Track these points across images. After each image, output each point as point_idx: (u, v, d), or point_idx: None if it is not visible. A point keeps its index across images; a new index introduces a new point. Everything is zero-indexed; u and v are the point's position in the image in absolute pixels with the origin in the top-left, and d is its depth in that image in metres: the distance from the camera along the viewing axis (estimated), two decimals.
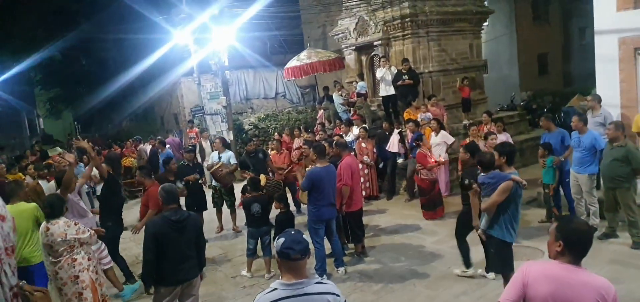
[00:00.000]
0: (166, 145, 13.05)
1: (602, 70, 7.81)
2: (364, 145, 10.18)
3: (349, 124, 11.35)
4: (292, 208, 9.44)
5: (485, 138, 8.09)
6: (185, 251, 4.31)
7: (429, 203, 8.56)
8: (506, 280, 4.56)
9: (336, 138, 9.60)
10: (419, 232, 7.97)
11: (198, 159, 11.96)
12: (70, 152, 8.91)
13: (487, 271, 5.57)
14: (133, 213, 9.72)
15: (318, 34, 20.75)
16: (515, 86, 20.07)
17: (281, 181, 8.08)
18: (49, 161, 10.03)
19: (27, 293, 3.62)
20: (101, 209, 6.85)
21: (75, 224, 4.83)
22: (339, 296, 2.47)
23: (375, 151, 10.32)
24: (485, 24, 14.38)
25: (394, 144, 10.11)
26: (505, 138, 8.56)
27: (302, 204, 9.01)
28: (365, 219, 7.64)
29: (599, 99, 7.60)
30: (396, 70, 11.43)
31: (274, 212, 6.99)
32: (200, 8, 14.16)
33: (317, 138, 10.96)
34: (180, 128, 18.91)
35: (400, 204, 9.87)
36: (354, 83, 13.13)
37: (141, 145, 14.73)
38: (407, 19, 11.59)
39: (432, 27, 11.91)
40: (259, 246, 6.69)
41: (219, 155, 8.96)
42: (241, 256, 7.44)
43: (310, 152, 7.14)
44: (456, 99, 12.30)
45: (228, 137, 14.93)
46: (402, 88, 11.20)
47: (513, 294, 2.48)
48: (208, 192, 9.21)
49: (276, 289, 2.41)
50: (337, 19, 14.05)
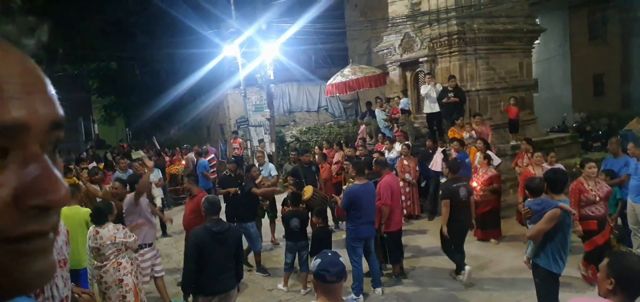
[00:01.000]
0: (207, 154, 13.42)
1: None
2: (406, 162, 10.03)
3: (392, 140, 11.24)
4: (331, 223, 9.50)
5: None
6: (225, 262, 4.39)
7: (480, 222, 8.27)
8: None
9: (376, 154, 9.51)
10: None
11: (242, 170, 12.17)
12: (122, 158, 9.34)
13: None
14: (177, 219, 10.01)
15: (363, 48, 20.80)
16: (568, 107, 19.25)
17: (328, 197, 7.86)
18: (100, 165, 10.54)
19: (75, 295, 3.77)
20: None
21: (123, 227, 5.04)
22: None
23: (417, 169, 10.15)
24: (537, 42, 13.92)
25: (437, 163, 9.89)
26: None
27: (340, 222, 8.98)
28: (404, 239, 7.51)
29: None
30: (441, 88, 11.24)
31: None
32: (248, 23, 14.55)
33: (358, 153, 10.91)
34: (225, 138, 19.40)
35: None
36: (396, 99, 13.02)
37: (189, 154, 15.21)
38: (454, 36, 11.40)
39: (480, 44, 11.65)
40: (296, 260, 6.70)
41: (259, 167, 9.05)
42: (278, 268, 7.49)
43: (350, 168, 7.09)
44: (503, 118, 11.93)
45: (270, 149, 15.16)
46: (448, 106, 10.99)
47: None
48: None
49: None
50: (383, 35, 14.02)
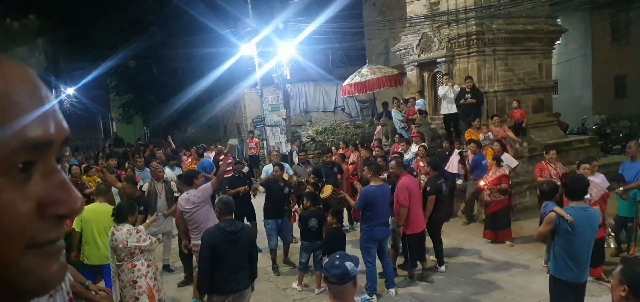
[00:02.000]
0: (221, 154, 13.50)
1: None
2: (422, 164, 9.94)
3: (408, 141, 11.16)
4: (346, 224, 9.46)
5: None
6: (238, 262, 4.41)
7: (490, 223, 8.21)
8: None
9: (394, 156, 9.44)
10: (477, 257, 7.65)
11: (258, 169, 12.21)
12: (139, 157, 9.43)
13: None
14: None
15: (381, 48, 20.69)
16: (588, 109, 18.88)
17: (345, 199, 7.54)
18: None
19: (93, 292, 3.81)
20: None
21: (138, 232, 5.01)
22: None
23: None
24: (557, 43, 13.68)
25: (453, 165, 9.80)
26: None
27: (355, 221, 8.94)
28: None
29: None
30: (459, 89, 11.14)
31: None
32: (265, 22, 14.60)
33: (374, 154, 10.85)
34: (241, 138, 19.50)
35: (458, 227, 9.53)
36: (412, 100, 12.93)
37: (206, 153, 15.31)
38: (473, 37, 11.28)
39: (499, 45, 11.50)
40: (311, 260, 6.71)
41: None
42: (293, 268, 7.50)
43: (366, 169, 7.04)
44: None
45: (286, 149, 15.19)
46: (465, 107, 10.88)
47: None
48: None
49: None
50: (401, 35, 13.94)
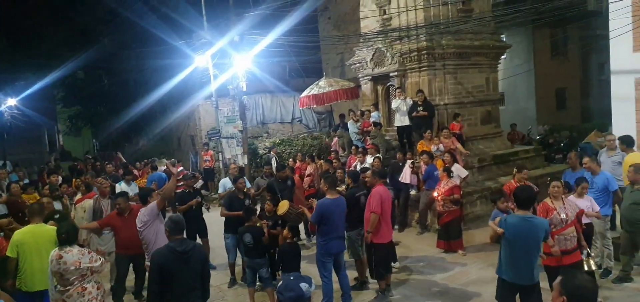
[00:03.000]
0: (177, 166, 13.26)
1: (619, 110, 7.74)
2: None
3: (365, 152, 11.34)
4: (303, 237, 9.46)
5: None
6: (190, 282, 4.29)
7: (443, 233, 8.48)
8: None
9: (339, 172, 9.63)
10: (431, 268, 7.84)
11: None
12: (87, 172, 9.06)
13: None
14: None
15: (336, 61, 21.00)
16: (533, 120, 19.91)
17: (302, 213, 7.30)
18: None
19: None
20: None
21: (89, 252, 4.79)
22: None
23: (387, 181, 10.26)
24: (503, 58, 14.37)
25: (406, 175, 10.06)
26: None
27: (312, 235, 8.97)
28: None
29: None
30: (412, 102, 11.47)
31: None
32: (220, 34, 14.47)
33: (334, 165, 10.92)
34: (196, 150, 19.14)
35: (412, 236, 9.77)
36: (368, 112, 13.20)
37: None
38: (423, 52, 11.66)
39: (448, 60, 11.95)
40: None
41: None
42: None
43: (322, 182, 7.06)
44: (472, 131, 12.25)
45: (242, 161, 15.05)
46: (417, 119, 11.21)
47: None
48: (220, 219, 9.20)
49: None
50: (355, 49, 14.21)
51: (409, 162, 10.22)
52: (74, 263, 4.55)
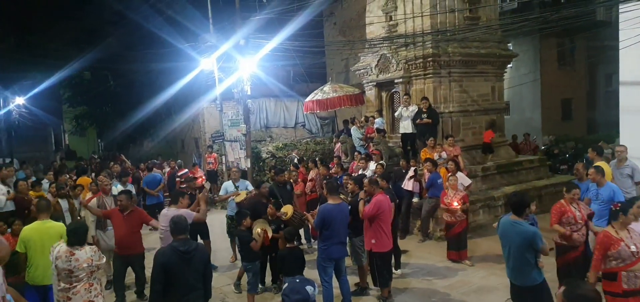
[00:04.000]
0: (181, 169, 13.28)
1: (627, 122, 7.67)
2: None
3: (368, 158, 11.30)
4: (304, 242, 9.42)
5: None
6: (192, 282, 4.31)
7: (454, 243, 8.36)
8: None
9: (350, 176, 9.52)
10: (432, 275, 7.78)
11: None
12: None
13: None
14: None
15: (341, 66, 21.01)
16: (538, 130, 19.80)
17: (304, 217, 7.25)
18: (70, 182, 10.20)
19: None
20: None
21: (97, 250, 4.96)
22: None
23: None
24: (509, 66, 14.30)
25: (408, 183, 10.00)
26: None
27: (313, 239, 8.92)
28: None
29: (626, 150, 7.37)
30: (416, 108, 11.43)
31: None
32: (225, 37, 14.50)
33: (332, 171, 10.92)
34: (199, 152, 19.16)
35: (414, 244, 9.71)
36: (371, 118, 13.17)
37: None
38: (429, 59, 11.63)
39: (454, 67, 11.91)
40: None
41: (235, 184, 8.97)
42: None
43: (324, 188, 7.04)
44: (476, 140, 12.19)
45: (245, 165, 15.04)
46: (421, 126, 11.16)
47: None
48: (223, 221, 9.19)
49: None
50: (360, 55, 14.20)
51: (411, 169, 10.17)
52: (87, 260, 4.72)
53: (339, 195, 6.39)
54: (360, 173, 10.04)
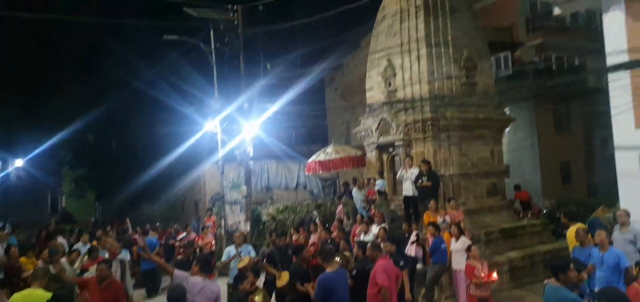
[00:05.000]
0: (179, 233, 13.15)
1: (626, 186, 7.72)
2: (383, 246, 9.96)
3: (370, 221, 11.22)
4: None
5: None
6: None
7: None
8: None
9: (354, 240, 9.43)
10: None
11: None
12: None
13: None
14: None
15: (342, 128, 21.34)
16: (538, 193, 19.78)
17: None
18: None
19: None
20: None
21: None
22: None
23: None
24: (507, 130, 14.55)
25: (410, 248, 9.86)
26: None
27: None
28: None
29: (628, 214, 7.35)
30: (417, 171, 11.50)
31: None
32: (229, 101, 14.86)
33: (334, 235, 10.81)
34: (199, 215, 19.05)
35: None
36: (373, 180, 13.22)
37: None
38: (428, 123, 11.85)
39: (453, 131, 12.11)
40: None
41: (237, 249, 8.85)
42: None
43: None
44: (477, 203, 12.17)
45: (245, 227, 14.92)
46: (422, 189, 11.19)
47: None
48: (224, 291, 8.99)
49: None
50: (360, 118, 14.47)
51: (413, 234, 10.05)
52: None
53: (336, 259, 6.17)
54: (362, 238, 9.95)
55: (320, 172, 15.98)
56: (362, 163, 15.01)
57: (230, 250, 9.00)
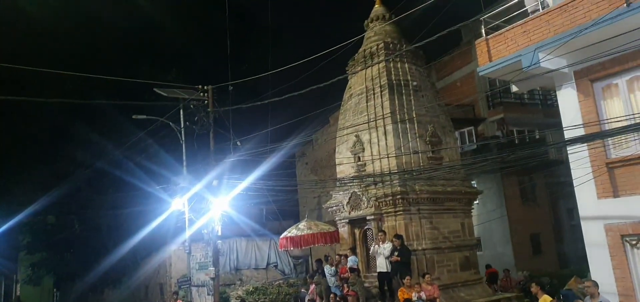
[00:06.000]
0: None
1: (594, 257, 7.76)
2: None
3: (344, 301, 10.85)
4: None
5: None
6: None
7: None
8: None
9: None
10: None
11: None
12: None
13: None
14: None
15: (313, 203, 21.17)
16: (511, 265, 19.78)
17: None
18: None
19: None
20: None
21: None
22: None
23: None
24: (476, 203, 14.74)
25: None
26: None
27: None
28: None
29: (597, 285, 7.37)
30: (391, 246, 11.35)
31: None
32: (197, 179, 14.60)
33: None
34: (164, 299, 18.07)
35: None
36: (344, 257, 12.92)
37: None
38: (398, 196, 11.91)
39: (423, 205, 12.18)
40: None
41: None
42: None
43: None
44: (451, 278, 12.04)
45: None
46: (395, 265, 11.01)
47: None
48: None
49: None
50: (331, 192, 14.42)
51: None
52: None
53: None
54: None
55: (292, 248, 15.55)
56: (335, 239, 14.72)
57: None
